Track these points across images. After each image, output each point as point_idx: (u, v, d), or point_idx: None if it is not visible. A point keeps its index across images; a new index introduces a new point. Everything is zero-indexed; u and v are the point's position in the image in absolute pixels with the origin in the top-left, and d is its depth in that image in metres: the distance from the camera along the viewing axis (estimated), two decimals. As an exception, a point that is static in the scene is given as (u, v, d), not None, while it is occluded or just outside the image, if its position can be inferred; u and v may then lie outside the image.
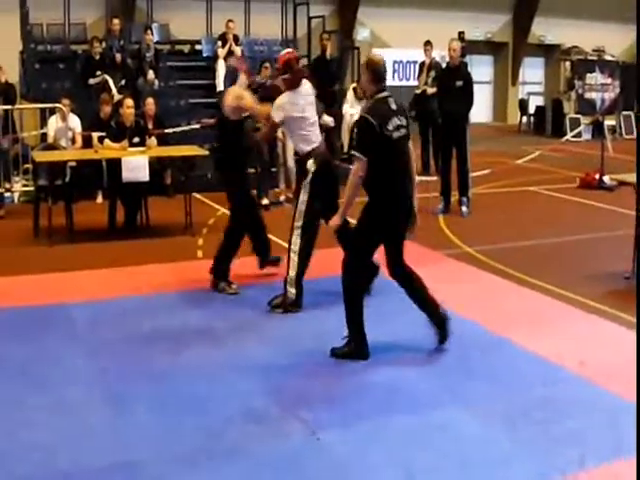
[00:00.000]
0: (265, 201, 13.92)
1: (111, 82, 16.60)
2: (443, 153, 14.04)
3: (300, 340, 7.45)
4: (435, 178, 15.18)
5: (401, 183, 7.07)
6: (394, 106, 7.01)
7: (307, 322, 7.98)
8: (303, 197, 8.37)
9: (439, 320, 7.21)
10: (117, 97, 15.70)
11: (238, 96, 8.92)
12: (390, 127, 6.87)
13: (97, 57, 17.06)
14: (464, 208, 13.58)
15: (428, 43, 18.93)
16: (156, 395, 6.17)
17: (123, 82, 17.19)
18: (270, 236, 9.58)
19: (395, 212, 7.08)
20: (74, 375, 6.66)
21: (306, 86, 8.62)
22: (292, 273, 8.39)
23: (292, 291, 8.39)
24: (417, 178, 9.35)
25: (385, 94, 7.03)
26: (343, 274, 7.03)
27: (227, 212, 9.63)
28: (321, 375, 6.69)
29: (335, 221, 7.27)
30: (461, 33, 25.35)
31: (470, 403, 6.14)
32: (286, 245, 8.61)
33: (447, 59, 14.37)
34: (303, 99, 8.55)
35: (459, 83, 13.55)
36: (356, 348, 7.01)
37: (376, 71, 7.03)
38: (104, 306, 8.48)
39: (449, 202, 13.69)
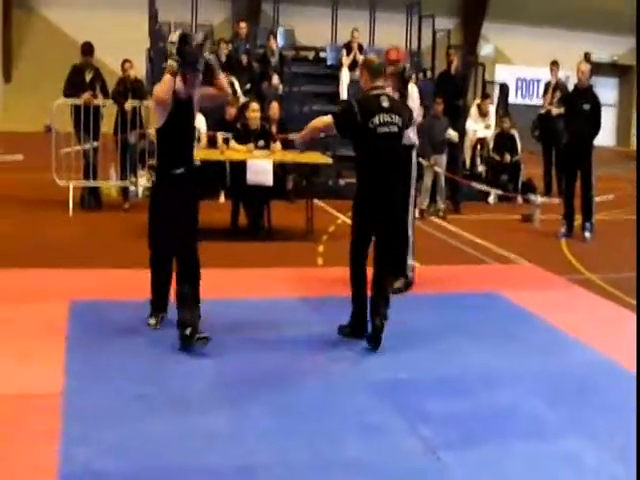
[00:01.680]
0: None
1: (237, 84, 16.75)
2: (567, 176, 13.83)
3: (421, 354, 7.34)
4: (557, 200, 15.01)
5: (380, 177, 7.35)
6: (386, 104, 7.32)
7: (428, 338, 7.85)
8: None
9: (358, 322, 7.60)
10: (242, 99, 15.86)
11: None
12: (376, 121, 7.24)
13: (223, 59, 17.21)
14: (587, 234, 13.35)
15: (554, 63, 18.72)
16: (276, 400, 6.16)
17: (248, 85, 17.36)
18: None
19: (370, 204, 7.45)
20: (195, 375, 6.71)
21: None
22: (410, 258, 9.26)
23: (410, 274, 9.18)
24: (540, 200, 9.19)
25: (379, 91, 7.43)
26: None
27: (347, 220, 9.58)
28: (442, 392, 6.61)
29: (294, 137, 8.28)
30: (587, 54, 25.00)
31: (593, 434, 5.98)
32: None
33: (575, 80, 14.18)
34: None
35: (586, 106, 13.34)
36: (354, 326, 7.54)
37: (371, 68, 7.48)
38: (225, 305, 8.50)
39: (572, 226, 13.47)
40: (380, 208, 7.44)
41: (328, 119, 7.51)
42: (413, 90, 9.28)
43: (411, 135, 9.17)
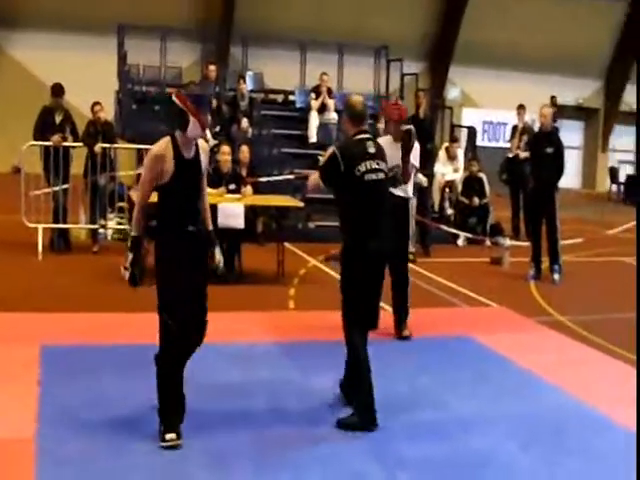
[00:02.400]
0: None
1: (207, 131, 16.76)
2: (533, 219, 13.92)
3: (395, 399, 7.23)
4: (526, 243, 15.09)
5: (372, 227, 6.92)
6: (372, 149, 6.90)
7: (400, 382, 7.80)
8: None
9: (349, 399, 7.06)
10: (212, 142, 15.86)
11: None
12: (362, 168, 6.77)
13: (193, 101, 17.23)
14: (555, 275, 13.43)
15: (521, 107, 18.93)
16: (255, 452, 6.12)
17: (217, 128, 17.38)
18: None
19: (363, 257, 6.91)
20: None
21: None
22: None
23: None
24: (508, 242, 9.18)
25: (363, 136, 6.97)
26: (345, 339, 6.98)
27: (318, 264, 9.56)
28: (418, 437, 6.59)
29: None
30: (553, 97, 25.25)
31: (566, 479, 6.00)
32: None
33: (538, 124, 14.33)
34: None
35: (550, 150, 13.42)
36: (363, 417, 6.71)
37: (354, 112, 7.00)
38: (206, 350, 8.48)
39: (540, 268, 13.54)
40: (380, 254, 7.04)
41: (316, 176, 7.06)
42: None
43: (408, 188, 9.26)
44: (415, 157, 9.35)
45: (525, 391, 7.91)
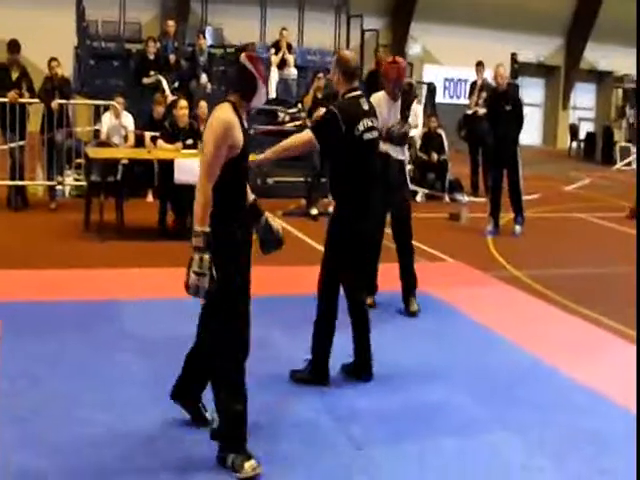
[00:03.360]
0: (314, 211, 13.97)
1: (165, 83, 16.69)
2: (494, 175, 13.98)
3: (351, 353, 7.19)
4: (483, 199, 15.14)
5: (372, 188, 6.82)
6: (366, 106, 6.73)
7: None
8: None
9: (362, 362, 6.97)
10: (170, 98, 15.79)
11: None
12: (360, 127, 6.55)
13: (151, 57, 17.16)
14: (518, 227, 13.60)
15: (480, 64, 18.89)
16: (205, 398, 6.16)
17: (176, 84, 17.29)
18: (319, 247, 9.52)
19: (365, 221, 6.77)
20: (124, 374, 6.69)
21: None
22: None
23: None
24: (466, 198, 9.08)
25: (357, 93, 6.69)
26: (318, 294, 6.77)
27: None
28: (372, 391, 6.65)
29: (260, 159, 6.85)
30: (514, 55, 25.37)
31: (519, 431, 6.06)
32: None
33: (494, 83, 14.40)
34: None
35: (508, 107, 13.53)
36: (317, 373, 6.75)
37: (347, 69, 6.63)
38: (152, 305, 8.53)
39: (498, 224, 13.63)
40: (373, 227, 7.06)
41: (308, 136, 6.58)
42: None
43: (405, 150, 9.03)
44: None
45: (479, 345, 7.99)
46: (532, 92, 31.83)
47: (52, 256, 10.33)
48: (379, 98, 8.31)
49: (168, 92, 16.45)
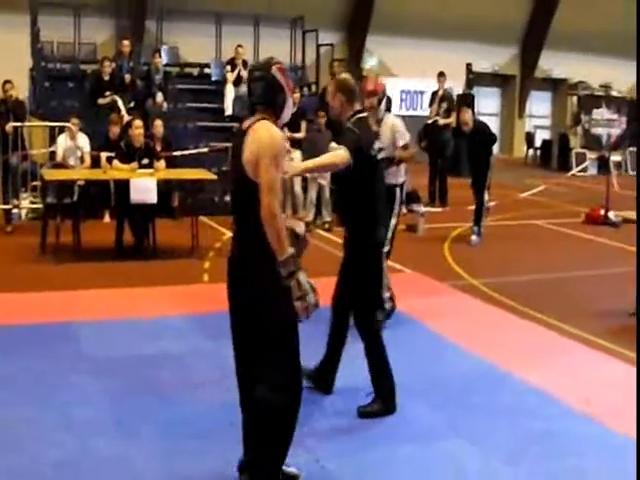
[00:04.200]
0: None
1: (120, 103, 16.67)
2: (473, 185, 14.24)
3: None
4: (441, 209, 15.26)
5: (383, 210, 6.88)
6: (375, 127, 6.82)
7: (310, 345, 7.84)
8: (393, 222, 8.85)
9: (325, 373, 6.95)
10: (126, 118, 15.77)
11: None
12: (375, 147, 6.55)
13: (107, 77, 17.13)
14: (474, 237, 13.75)
15: (441, 74, 19.14)
16: (161, 419, 6.17)
17: (132, 103, 17.26)
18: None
19: (378, 242, 6.78)
20: (82, 395, 6.67)
21: None
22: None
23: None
24: (423, 209, 9.16)
25: (365, 115, 6.66)
26: (358, 326, 6.71)
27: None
28: (327, 406, 6.68)
29: (301, 169, 6.87)
30: (469, 65, 25.53)
31: (472, 436, 6.13)
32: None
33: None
34: None
35: (478, 147, 13.99)
36: (385, 403, 6.60)
37: (350, 92, 6.54)
38: (110, 326, 8.50)
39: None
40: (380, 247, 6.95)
41: (345, 155, 6.28)
42: (396, 122, 8.93)
43: (402, 172, 9.09)
44: (402, 133, 8.89)
45: (435, 354, 8.08)
46: (488, 102, 32.05)
47: (8, 279, 10.26)
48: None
49: (124, 112, 16.42)
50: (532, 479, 5.50)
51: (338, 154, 6.33)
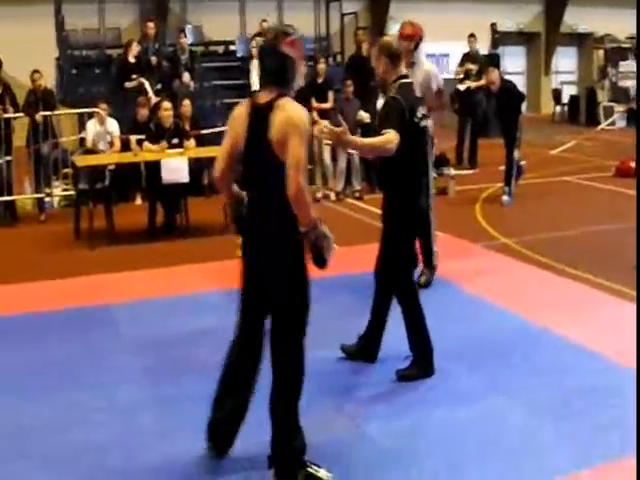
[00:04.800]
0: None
1: (147, 85, 16.69)
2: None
3: (341, 331, 7.23)
4: (471, 171, 15.24)
5: (427, 175, 6.97)
6: (419, 93, 6.70)
7: (347, 315, 7.84)
8: None
9: (369, 342, 6.97)
10: (154, 100, 15.83)
11: None
12: (419, 114, 6.47)
13: (132, 60, 17.13)
14: (505, 197, 13.81)
15: (472, 35, 19.18)
16: (202, 395, 6.22)
17: (159, 85, 17.31)
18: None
19: (419, 206, 6.73)
20: (123, 375, 6.75)
21: None
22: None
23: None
24: (453, 172, 9.04)
25: (408, 80, 6.55)
26: (395, 290, 6.73)
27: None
28: (365, 372, 6.73)
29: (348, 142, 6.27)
30: (493, 25, 25.38)
31: (512, 394, 6.19)
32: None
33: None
34: None
35: (505, 106, 14.08)
36: (423, 366, 6.64)
37: (395, 54, 6.47)
38: (147, 306, 8.60)
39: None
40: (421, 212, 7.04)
41: (395, 139, 6.14)
42: (432, 66, 9.00)
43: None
44: (438, 80, 8.96)
45: (473, 315, 8.10)
46: (514, 60, 31.81)
47: (43, 267, 10.37)
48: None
49: (151, 94, 16.47)
50: (574, 433, 5.53)
51: (390, 138, 6.14)
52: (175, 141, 12.80)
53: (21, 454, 5.47)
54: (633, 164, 15.91)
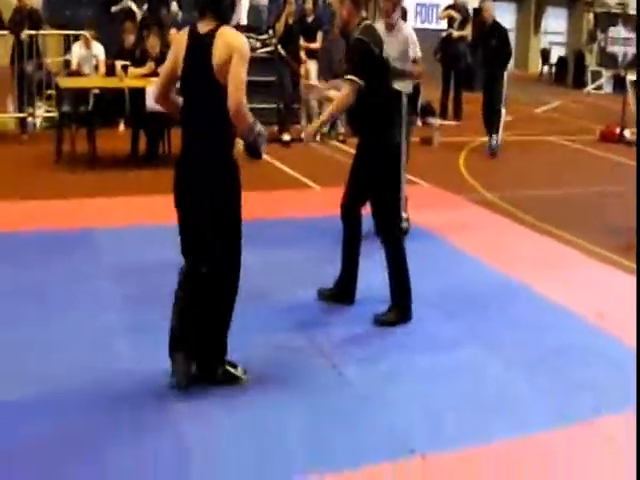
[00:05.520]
0: (286, 137, 14.02)
1: (135, 7, 16.47)
2: (485, 101, 14.30)
3: (322, 274, 7.18)
4: (455, 123, 15.18)
5: (397, 111, 6.87)
6: (383, 36, 6.61)
7: (327, 257, 7.66)
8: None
9: (345, 284, 6.97)
10: (139, 15, 15.62)
11: None
12: (385, 53, 6.47)
13: (123, -16, 16.90)
14: (493, 142, 13.94)
15: None
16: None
17: (145, 6, 17.03)
18: (292, 172, 9.49)
19: (394, 142, 6.64)
20: (100, 300, 6.73)
21: None
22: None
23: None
24: (438, 122, 9.00)
25: (370, 22, 6.49)
26: (382, 233, 6.69)
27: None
28: (344, 314, 6.73)
29: (309, 131, 7.07)
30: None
31: (490, 346, 6.19)
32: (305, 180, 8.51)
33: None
34: None
35: (494, 42, 13.96)
36: (401, 312, 6.65)
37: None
38: (127, 233, 8.56)
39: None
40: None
41: (347, 92, 6.23)
42: (411, 32, 8.90)
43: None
44: (414, 41, 8.93)
45: (454, 266, 8.13)
46: (504, 17, 31.41)
47: (24, 187, 10.26)
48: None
49: (139, 16, 16.24)
50: (549, 389, 5.54)
51: (340, 97, 6.33)
52: (161, 69, 12.63)
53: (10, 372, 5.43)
54: (618, 130, 15.94)
